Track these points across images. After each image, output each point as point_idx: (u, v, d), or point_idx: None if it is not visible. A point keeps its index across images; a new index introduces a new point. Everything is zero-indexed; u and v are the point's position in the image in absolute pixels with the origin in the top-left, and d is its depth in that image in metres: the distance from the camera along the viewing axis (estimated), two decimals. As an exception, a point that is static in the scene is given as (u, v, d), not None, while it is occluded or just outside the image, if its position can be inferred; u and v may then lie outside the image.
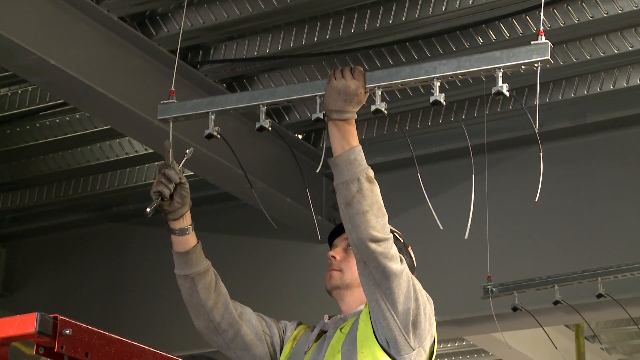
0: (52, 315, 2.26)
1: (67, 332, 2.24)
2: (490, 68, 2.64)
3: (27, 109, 6.37)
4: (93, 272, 7.76)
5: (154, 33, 5.47)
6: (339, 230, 3.06)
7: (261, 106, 2.86)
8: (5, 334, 2.26)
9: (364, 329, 2.80)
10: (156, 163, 7.01)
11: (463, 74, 2.68)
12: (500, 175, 5.87)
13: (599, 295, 5.34)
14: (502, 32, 5.41)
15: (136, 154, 6.76)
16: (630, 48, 5.46)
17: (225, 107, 2.91)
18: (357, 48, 5.63)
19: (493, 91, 2.62)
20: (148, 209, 2.79)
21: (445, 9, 5.21)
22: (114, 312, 7.49)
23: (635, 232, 6.04)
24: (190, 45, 5.73)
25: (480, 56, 2.67)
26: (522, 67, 2.64)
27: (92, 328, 2.32)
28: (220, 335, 3.05)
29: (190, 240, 3.02)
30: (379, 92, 2.73)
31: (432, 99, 2.66)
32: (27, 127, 6.65)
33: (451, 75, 2.68)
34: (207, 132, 2.88)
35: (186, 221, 3.00)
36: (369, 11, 5.37)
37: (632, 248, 5.92)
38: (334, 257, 3.01)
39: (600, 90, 5.80)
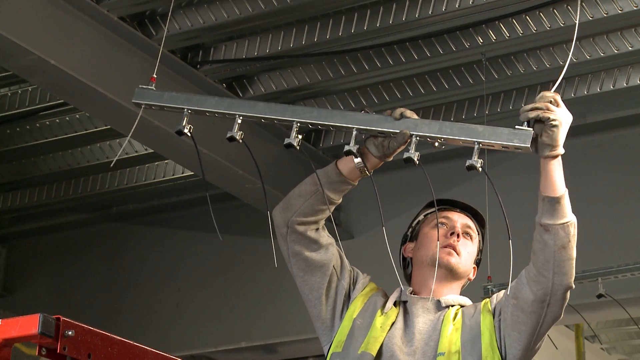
0: (54, 317, 2.25)
1: (70, 333, 2.24)
2: (470, 140, 2.63)
3: (27, 109, 6.36)
4: (93, 272, 7.76)
5: (154, 33, 5.47)
6: (455, 203, 3.04)
7: (237, 117, 2.81)
8: (7, 335, 2.26)
9: (489, 339, 2.76)
10: (156, 163, 7.01)
11: (442, 139, 2.68)
12: (500, 176, 5.87)
13: (599, 295, 5.34)
14: (502, 32, 5.41)
15: (136, 154, 6.75)
16: (630, 48, 5.46)
17: (202, 108, 2.84)
18: (357, 48, 5.63)
19: (467, 164, 2.61)
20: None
21: (445, 9, 5.21)
22: (114, 312, 7.49)
23: (635, 232, 6.04)
24: (190, 45, 5.73)
25: (462, 126, 2.67)
26: (502, 147, 2.63)
27: (95, 329, 2.32)
28: (286, 244, 2.91)
29: (356, 179, 2.85)
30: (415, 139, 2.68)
31: (405, 154, 2.66)
32: (27, 127, 6.64)
33: (429, 137, 2.68)
34: (178, 128, 2.81)
35: (371, 167, 2.82)
36: (369, 11, 5.37)
37: (632, 248, 5.92)
38: (458, 236, 2.96)
39: (600, 90, 5.79)
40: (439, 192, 3.13)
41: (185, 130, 2.81)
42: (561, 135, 2.62)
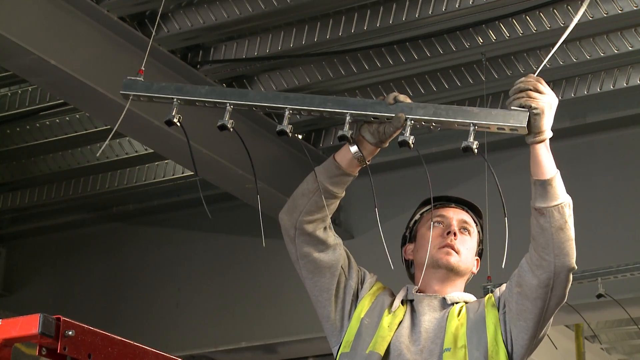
0: (54, 317, 2.25)
1: (70, 333, 2.24)
2: (465, 122, 2.62)
3: (27, 109, 6.36)
4: (93, 272, 7.76)
5: (154, 33, 5.46)
6: (450, 198, 3.03)
7: (228, 105, 2.78)
8: (7, 335, 2.27)
9: (494, 333, 2.76)
10: (156, 163, 7.01)
11: (437, 122, 2.66)
12: (500, 176, 5.85)
13: (599, 295, 5.34)
14: (502, 32, 5.41)
15: (136, 154, 6.75)
16: (630, 48, 5.46)
17: (192, 98, 2.80)
18: (357, 48, 5.63)
19: (462, 145, 2.60)
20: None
21: (445, 9, 5.21)
22: (114, 312, 7.49)
23: (635, 232, 6.04)
24: (190, 45, 5.73)
25: (457, 109, 2.66)
26: (497, 129, 2.63)
27: (95, 329, 2.32)
28: (295, 246, 2.90)
29: (356, 169, 2.84)
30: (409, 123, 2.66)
31: (400, 138, 2.64)
32: (27, 127, 6.64)
33: (425, 121, 2.66)
34: (167, 118, 2.77)
35: (368, 155, 2.80)
36: (369, 11, 5.37)
37: (632, 248, 5.92)
38: (455, 235, 2.94)
39: (600, 90, 5.80)
40: (439, 191, 3.13)
41: (175, 120, 2.77)
42: (545, 121, 2.64)
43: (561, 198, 2.66)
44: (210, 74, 5.86)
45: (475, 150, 2.61)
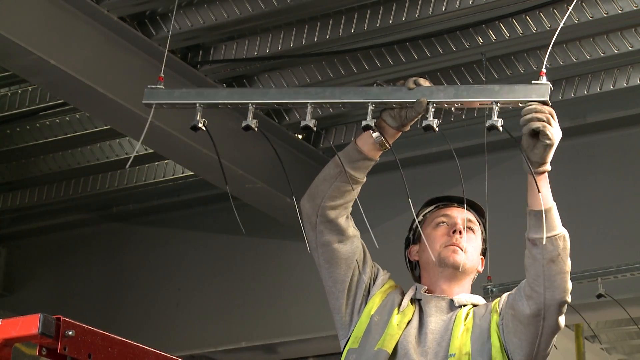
0: (55, 317, 2.26)
1: (70, 333, 2.24)
2: (487, 101, 2.62)
3: (27, 109, 6.36)
4: (93, 272, 7.76)
5: (154, 33, 5.47)
6: (452, 198, 3.03)
7: (250, 105, 2.80)
8: (8, 335, 2.27)
9: (498, 340, 2.76)
10: (156, 163, 7.02)
11: (460, 103, 2.65)
12: (500, 175, 5.87)
13: (599, 295, 5.33)
14: (502, 32, 5.41)
15: (136, 154, 6.75)
16: (630, 48, 5.46)
17: (214, 101, 2.81)
18: (357, 48, 5.63)
19: (487, 124, 2.59)
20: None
21: (445, 9, 5.21)
22: (114, 312, 7.49)
23: (635, 232, 6.03)
24: (190, 45, 5.73)
25: (479, 87, 2.66)
26: (520, 104, 2.61)
27: (95, 329, 2.32)
28: (315, 233, 2.91)
29: (377, 154, 2.85)
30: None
31: (424, 122, 2.63)
32: (27, 127, 6.64)
33: (447, 103, 2.66)
34: (192, 123, 2.77)
35: (389, 139, 2.80)
36: (369, 11, 5.37)
37: (632, 248, 5.92)
38: (460, 233, 2.93)
39: (600, 90, 5.79)
40: (440, 191, 3.13)
41: (200, 125, 2.77)
42: (551, 154, 2.64)
43: (558, 230, 2.64)
44: (210, 74, 5.86)
45: (501, 128, 2.59)
